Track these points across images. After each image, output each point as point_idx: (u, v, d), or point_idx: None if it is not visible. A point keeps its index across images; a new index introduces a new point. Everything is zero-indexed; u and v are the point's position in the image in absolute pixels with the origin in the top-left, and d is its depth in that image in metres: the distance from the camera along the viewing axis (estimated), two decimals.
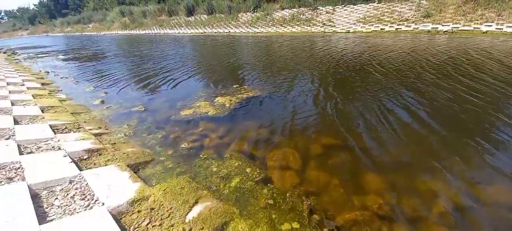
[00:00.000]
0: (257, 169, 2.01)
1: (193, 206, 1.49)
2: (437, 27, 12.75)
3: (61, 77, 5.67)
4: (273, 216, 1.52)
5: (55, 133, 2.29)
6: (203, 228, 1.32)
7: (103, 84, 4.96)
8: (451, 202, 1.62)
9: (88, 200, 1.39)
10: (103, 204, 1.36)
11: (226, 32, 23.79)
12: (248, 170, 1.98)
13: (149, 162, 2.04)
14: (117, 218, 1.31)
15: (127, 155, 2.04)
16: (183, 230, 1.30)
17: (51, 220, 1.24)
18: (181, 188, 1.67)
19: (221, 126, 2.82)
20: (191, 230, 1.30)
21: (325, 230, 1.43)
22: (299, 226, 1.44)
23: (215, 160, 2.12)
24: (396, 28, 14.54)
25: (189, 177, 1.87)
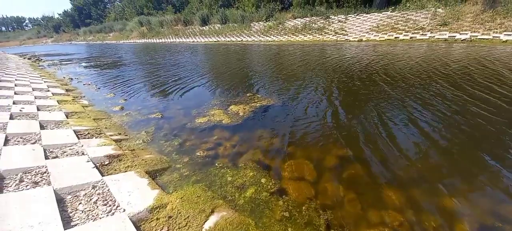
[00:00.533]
0: (271, 179, 2.00)
1: (209, 216, 1.50)
2: (455, 36, 12.39)
3: (84, 84, 5.98)
4: (289, 230, 1.49)
5: (79, 138, 2.40)
6: None
7: (122, 91, 5.17)
8: (474, 221, 1.54)
9: (109, 206, 1.43)
10: (124, 210, 1.40)
11: (239, 41, 24.23)
12: (263, 180, 1.97)
13: (166, 169, 2.09)
14: (137, 225, 1.34)
15: (146, 161, 2.10)
16: None
17: (75, 225, 1.29)
18: (198, 196, 1.69)
19: (235, 135, 2.85)
20: None
21: None
22: None
23: (230, 169, 2.14)
24: (410, 37, 14.26)
25: (205, 185, 1.89)
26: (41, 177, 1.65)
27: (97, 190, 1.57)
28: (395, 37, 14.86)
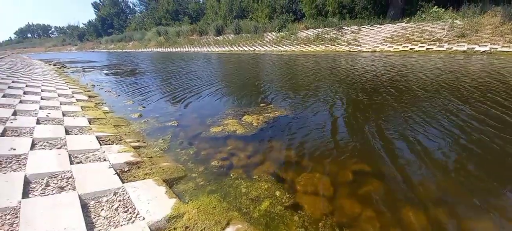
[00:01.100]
0: (286, 193, 1.98)
1: (225, 228, 1.51)
2: (474, 48, 12.04)
3: (105, 91, 6.28)
4: None
5: (101, 144, 2.50)
6: None
7: (140, 99, 5.38)
8: None
9: (130, 213, 1.48)
10: (144, 218, 1.43)
11: (251, 50, 24.62)
12: (277, 193, 1.96)
13: (182, 178, 2.13)
14: None
15: (163, 169, 2.15)
16: None
17: None
18: (213, 207, 1.71)
19: (249, 145, 2.87)
20: None
21: None
22: None
23: (244, 181, 2.14)
24: (427, 48, 13.94)
25: (220, 196, 1.90)
26: (66, 182, 1.74)
27: (118, 197, 1.63)
28: (410, 48, 14.59)
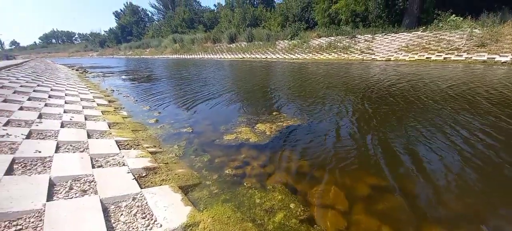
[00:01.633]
0: (301, 205, 1.95)
1: None
2: (494, 58, 11.59)
3: (123, 96, 6.54)
4: None
5: (120, 148, 2.59)
6: None
7: (156, 104, 5.55)
8: None
9: (148, 219, 1.51)
10: (161, 226, 1.46)
11: (263, 58, 24.83)
12: (292, 205, 1.93)
13: (197, 185, 2.15)
14: None
15: (178, 176, 2.19)
16: None
17: None
18: (228, 217, 1.71)
19: (262, 154, 2.86)
20: None
21: None
22: None
23: (258, 191, 2.13)
24: (444, 57, 13.53)
25: (234, 205, 1.90)
26: (89, 185, 1.81)
27: (136, 202, 1.67)
28: (427, 58, 14.19)
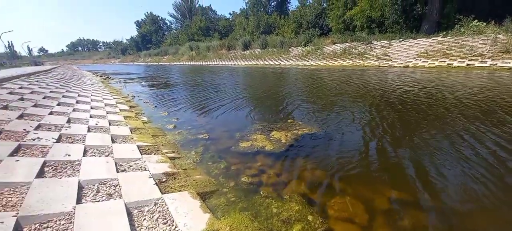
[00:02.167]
0: (319, 217, 1.91)
1: None
2: None
3: (143, 102, 6.83)
4: None
5: (141, 153, 2.70)
6: None
7: (174, 110, 5.74)
8: None
9: (169, 225, 1.55)
10: None
11: (276, 65, 24.91)
12: (310, 217, 1.90)
13: (214, 192, 2.19)
14: None
15: (196, 182, 2.24)
16: None
17: None
18: (245, 226, 1.72)
19: (278, 162, 2.86)
20: None
21: None
22: None
23: (275, 200, 2.12)
24: (467, 64, 12.89)
25: (251, 214, 1.90)
26: (114, 189, 1.89)
27: (158, 207, 1.73)
28: (448, 64, 13.60)
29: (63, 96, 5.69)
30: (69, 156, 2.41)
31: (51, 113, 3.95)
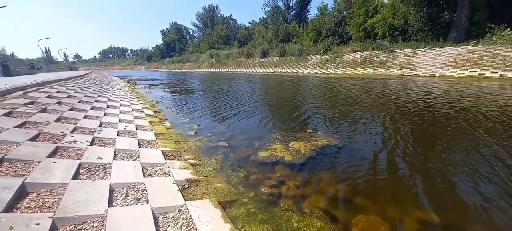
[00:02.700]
0: None
1: None
2: None
3: (167, 107, 7.14)
4: None
5: (165, 159, 2.81)
6: None
7: (195, 116, 5.94)
8: None
9: None
10: None
11: (294, 72, 24.81)
12: None
13: (235, 202, 2.21)
14: None
15: (217, 190, 2.28)
16: None
17: None
18: None
19: (298, 174, 2.82)
20: None
21: None
22: None
23: (295, 214, 2.09)
24: (500, 75, 11.94)
25: (272, 227, 1.89)
26: (141, 194, 1.99)
27: (181, 214, 1.78)
28: (479, 74, 12.69)
29: (95, 101, 6.11)
30: (101, 159, 2.55)
31: (85, 117, 4.24)
